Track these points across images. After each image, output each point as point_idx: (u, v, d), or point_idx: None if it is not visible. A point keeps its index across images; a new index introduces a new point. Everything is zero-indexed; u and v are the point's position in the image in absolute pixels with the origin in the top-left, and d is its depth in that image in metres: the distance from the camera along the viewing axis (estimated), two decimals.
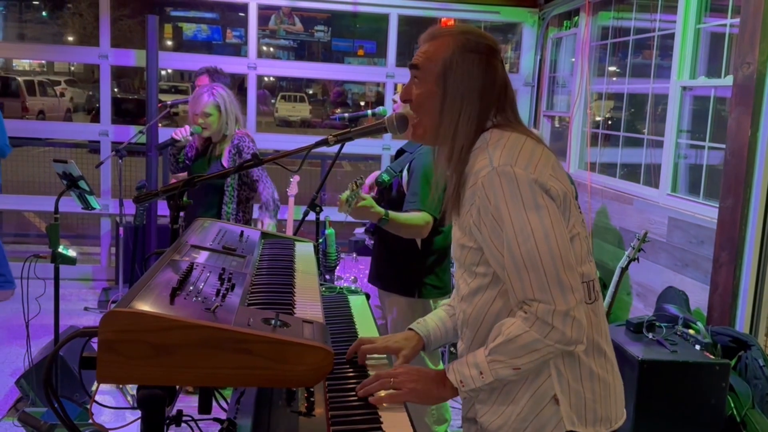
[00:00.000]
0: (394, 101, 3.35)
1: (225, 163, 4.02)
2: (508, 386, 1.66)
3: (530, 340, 1.53)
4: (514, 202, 1.54)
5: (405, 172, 3.18)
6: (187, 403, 1.87)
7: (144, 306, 1.28)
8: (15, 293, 5.94)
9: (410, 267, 3.22)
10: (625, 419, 1.75)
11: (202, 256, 1.75)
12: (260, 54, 6.90)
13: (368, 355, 1.86)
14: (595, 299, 1.68)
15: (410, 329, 1.93)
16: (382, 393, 1.64)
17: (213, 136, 4.06)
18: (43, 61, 28.66)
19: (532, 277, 1.53)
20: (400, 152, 3.33)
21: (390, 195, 3.25)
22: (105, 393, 4.07)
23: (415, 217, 3.03)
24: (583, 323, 1.56)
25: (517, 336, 1.54)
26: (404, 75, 6.98)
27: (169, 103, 5.19)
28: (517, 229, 1.53)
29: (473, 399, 1.75)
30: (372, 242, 3.61)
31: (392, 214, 2.97)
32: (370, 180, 3.45)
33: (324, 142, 1.99)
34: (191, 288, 1.44)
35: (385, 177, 3.23)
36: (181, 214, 2.03)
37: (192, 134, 4.05)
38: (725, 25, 4.17)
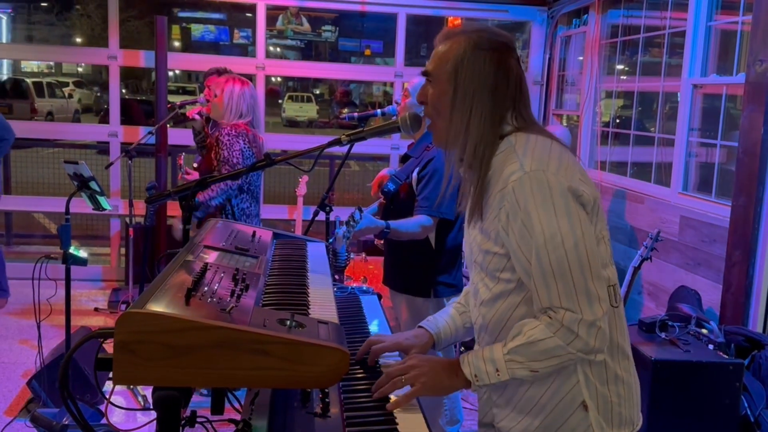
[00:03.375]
0: (397, 103, 3.36)
1: (213, 153, 4.04)
2: (530, 392, 1.64)
3: (552, 346, 1.52)
4: (546, 208, 1.52)
5: (415, 174, 3.19)
6: (198, 404, 1.87)
7: (159, 307, 1.27)
8: (24, 295, 5.95)
9: (424, 267, 3.23)
10: (642, 422, 1.74)
11: (215, 257, 1.75)
12: (267, 54, 6.90)
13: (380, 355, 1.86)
14: (618, 303, 1.67)
15: (420, 327, 1.92)
16: (394, 396, 1.63)
17: (216, 119, 4.10)
18: (51, 63, 28.78)
19: (559, 285, 1.51)
20: (405, 157, 3.33)
21: (398, 199, 3.27)
22: (115, 393, 4.07)
23: (413, 224, 3.08)
24: (607, 333, 1.55)
25: (540, 340, 1.53)
26: (412, 74, 6.98)
27: (178, 103, 5.20)
28: (548, 236, 1.51)
29: (491, 404, 1.74)
30: (381, 242, 3.63)
31: (393, 224, 3.04)
32: (383, 172, 3.48)
33: (337, 142, 1.98)
34: (206, 289, 1.43)
35: (391, 186, 3.26)
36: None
37: (200, 114, 4.16)
38: (737, 22, 4.14)
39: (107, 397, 1.43)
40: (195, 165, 4.52)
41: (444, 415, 3.31)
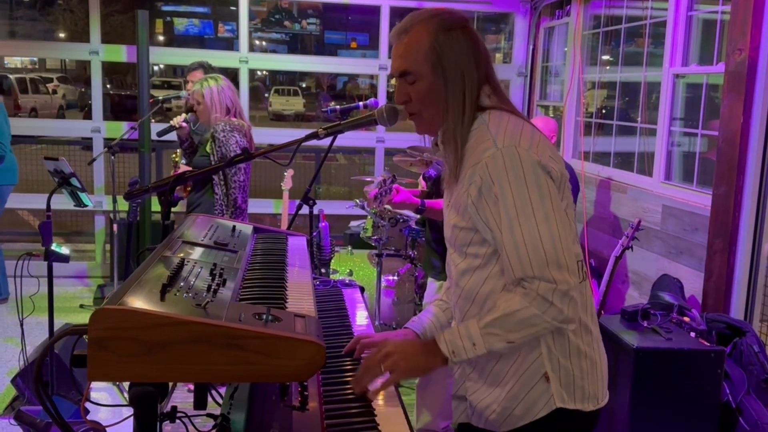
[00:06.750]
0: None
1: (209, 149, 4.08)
2: (497, 365, 1.68)
3: (528, 316, 1.55)
4: (518, 182, 1.55)
5: None
6: (184, 400, 1.87)
7: (134, 303, 1.27)
8: (10, 293, 5.91)
9: None
10: (608, 399, 1.77)
11: (193, 252, 1.74)
12: (252, 48, 6.87)
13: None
14: (583, 279, 1.70)
15: (406, 327, 1.93)
16: (377, 383, 1.65)
17: (205, 124, 4.15)
18: (35, 59, 28.52)
19: (531, 256, 1.54)
20: None
21: (438, 186, 3.37)
22: (101, 390, 4.06)
23: None
24: (578, 303, 1.59)
25: (516, 311, 1.56)
26: None
27: (161, 98, 5.18)
28: (519, 209, 1.55)
29: (464, 377, 1.77)
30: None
31: (428, 202, 3.16)
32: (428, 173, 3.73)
33: (314, 135, 1.98)
34: (182, 284, 1.43)
35: (432, 172, 3.35)
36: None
37: (186, 121, 4.17)
38: (716, 12, 4.16)
39: (84, 393, 1.43)
40: (184, 162, 4.55)
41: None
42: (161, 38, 24.38)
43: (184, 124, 4.22)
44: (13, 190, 5.95)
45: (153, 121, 6.08)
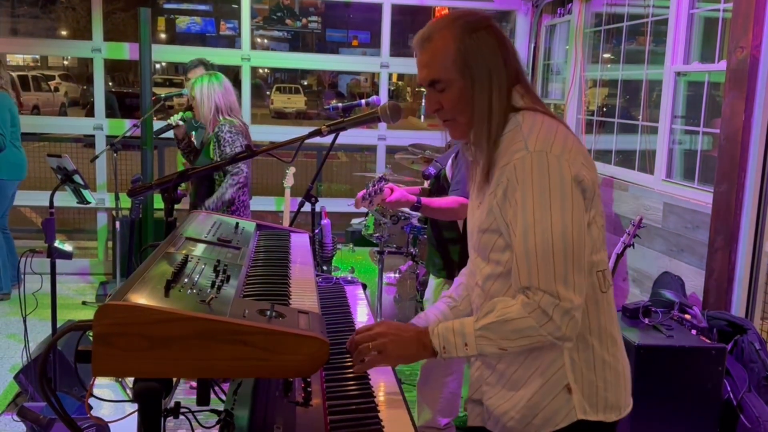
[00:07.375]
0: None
1: (212, 149, 4.10)
2: (517, 372, 1.65)
3: (525, 326, 1.52)
4: (542, 190, 1.52)
5: (450, 161, 3.28)
6: (186, 396, 1.88)
7: (139, 299, 1.27)
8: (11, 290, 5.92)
9: (457, 252, 3.31)
10: (631, 407, 1.74)
11: (197, 249, 1.75)
12: (254, 45, 6.88)
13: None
14: (607, 289, 1.66)
15: (411, 324, 1.91)
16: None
17: (199, 120, 4.17)
18: (37, 56, 28.54)
19: (540, 267, 1.51)
20: (449, 145, 3.43)
21: (439, 184, 3.39)
22: (104, 386, 4.07)
23: (448, 201, 3.17)
24: (579, 324, 1.55)
25: (513, 319, 1.52)
26: (398, 64, 6.98)
27: (163, 96, 5.20)
28: (537, 218, 1.51)
29: (481, 381, 1.75)
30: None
31: (424, 200, 3.14)
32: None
33: (317, 133, 1.99)
34: (186, 280, 1.43)
35: (432, 170, 3.35)
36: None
37: (183, 119, 4.19)
38: (718, 9, 4.16)
39: (88, 389, 1.44)
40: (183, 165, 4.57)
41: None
42: (163, 36, 24.40)
43: (180, 123, 4.24)
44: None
45: (155, 118, 6.09)
